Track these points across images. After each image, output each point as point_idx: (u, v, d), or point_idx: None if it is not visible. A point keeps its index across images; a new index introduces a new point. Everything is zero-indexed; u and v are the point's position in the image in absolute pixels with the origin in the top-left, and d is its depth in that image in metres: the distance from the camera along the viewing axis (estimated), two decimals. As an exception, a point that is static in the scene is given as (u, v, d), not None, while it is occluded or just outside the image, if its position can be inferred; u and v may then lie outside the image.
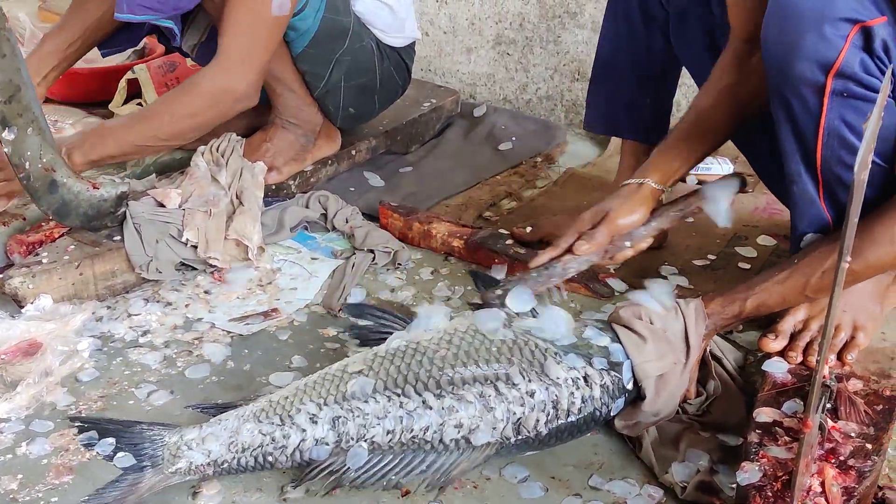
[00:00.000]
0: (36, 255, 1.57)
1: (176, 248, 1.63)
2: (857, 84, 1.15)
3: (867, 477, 1.10)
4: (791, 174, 1.28)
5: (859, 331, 1.32)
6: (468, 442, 1.18)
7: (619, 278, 1.66)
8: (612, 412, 1.23)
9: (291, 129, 1.95)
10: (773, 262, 1.72)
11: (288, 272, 1.70)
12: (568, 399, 1.20)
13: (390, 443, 1.17)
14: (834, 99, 1.17)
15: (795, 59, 1.16)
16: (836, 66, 1.14)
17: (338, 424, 1.17)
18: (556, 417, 1.20)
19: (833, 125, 1.19)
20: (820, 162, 1.24)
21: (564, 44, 2.48)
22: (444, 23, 2.65)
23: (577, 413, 1.21)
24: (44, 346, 1.40)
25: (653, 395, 1.21)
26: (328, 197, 1.85)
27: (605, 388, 1.22)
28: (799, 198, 1.30)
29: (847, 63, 1.13)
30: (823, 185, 1.26)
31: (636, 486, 1.19)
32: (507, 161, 2.17)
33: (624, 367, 1.23)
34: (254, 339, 1.51)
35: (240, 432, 1.18)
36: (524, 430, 1.19)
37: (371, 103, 2.04)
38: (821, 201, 1.28)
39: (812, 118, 1.20)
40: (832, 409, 1.20)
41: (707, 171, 2.07)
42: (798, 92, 1.19)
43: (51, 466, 1.21)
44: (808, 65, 1.15)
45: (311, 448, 1.17)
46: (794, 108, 1.21)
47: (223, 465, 1.18)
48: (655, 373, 1.22)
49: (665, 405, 1.22)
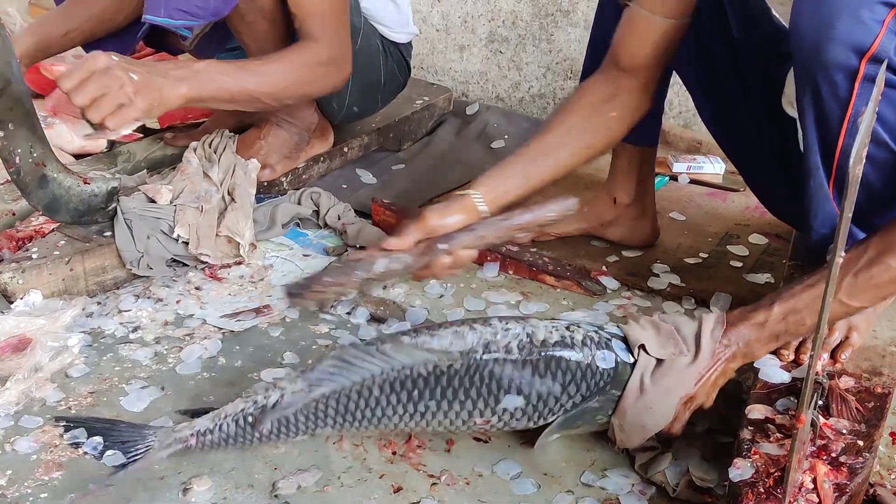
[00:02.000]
0: (26, 251, 1.56)
1: (167, 244, 1.62)
2: (891, 71, 1.12)
3: (859, 474, 1.10)
4: (809, 167, 1.25)
5: (853, 330, 1.32)
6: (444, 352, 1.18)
7: (611, 276, 1.67)
8: (598, 364, 1.19)
9: (286, 127, 1.95)
10: (766, 261, 1.73)
11: (280, 269, 1.69)
12: (544, 331, 1.20)
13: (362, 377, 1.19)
14: (865, 85, 1.13)
15: (829, 42, 1.12)
16: (872, 51, 1.10)
17: (309, 375, 1.20)
18: (531, 344, 1.19)
19: (860, 112, 1.15)
20: (839, 151, 1.20)
21: (557, 42, 2.48)
22: (437, 20, 2.65)
23: (552, 346, 1.19)
24: (33, 342, 1.39)
25: (648, 380, 1.17)
26: (320, 194, 1.85)
27: (589, 338, 1.20)
28: (814, 194, 1.26)
29: (883, 48, 1.10)
30: (835, 178, 1.23)
31: (628, 483, 1.19)
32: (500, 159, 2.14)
33: (614, 338, 1.21)
34: (245, 335, 1.50)
35: (224, 408, 1.22)
36: (493, 349, 1.18)
37: (374, 101, 2.05)
38: (831, 196, 1.25)
39: (839, 104, 1.16)
40: (824, 407, 1.20)
41: (699, 170, 2.08)
42: (829, 76, 1.14)
43: (40, 462, 1.20)
44: (842, 48, 1.11)
45: (288, 402, 1.19)
46: (823, 93, 1.17)
47: (205, 436, 1.20)
48: (653, 350, 1.17)
49: (659, 399, 1.17)
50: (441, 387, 1.18)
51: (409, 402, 1.18)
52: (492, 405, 1.19)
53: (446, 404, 1.18)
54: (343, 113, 1.99)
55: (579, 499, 1.17)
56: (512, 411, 1.19)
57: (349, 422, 1.20)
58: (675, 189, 2.02)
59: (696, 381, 1.17)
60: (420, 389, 1.18)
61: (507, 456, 1.24)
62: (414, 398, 1.18)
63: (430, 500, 1.17)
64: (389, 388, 1.18)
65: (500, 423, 1.21)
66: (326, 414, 1.19)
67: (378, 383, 1.18)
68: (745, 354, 1.19)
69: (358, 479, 1.20)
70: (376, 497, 1.17)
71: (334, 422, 1.20)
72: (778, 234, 1.81)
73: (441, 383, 1.18)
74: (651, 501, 1.17)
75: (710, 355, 1.17)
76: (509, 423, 1.21)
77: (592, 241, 1.78)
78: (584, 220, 1.77)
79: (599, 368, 1.19)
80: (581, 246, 1.76)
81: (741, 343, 1.17)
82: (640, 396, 1.17)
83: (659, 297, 1.63)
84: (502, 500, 1.17)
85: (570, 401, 1.20)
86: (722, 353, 1.17)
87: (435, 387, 1.18)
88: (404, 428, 1.22)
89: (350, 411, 1.19)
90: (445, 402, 1.18)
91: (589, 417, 1.22)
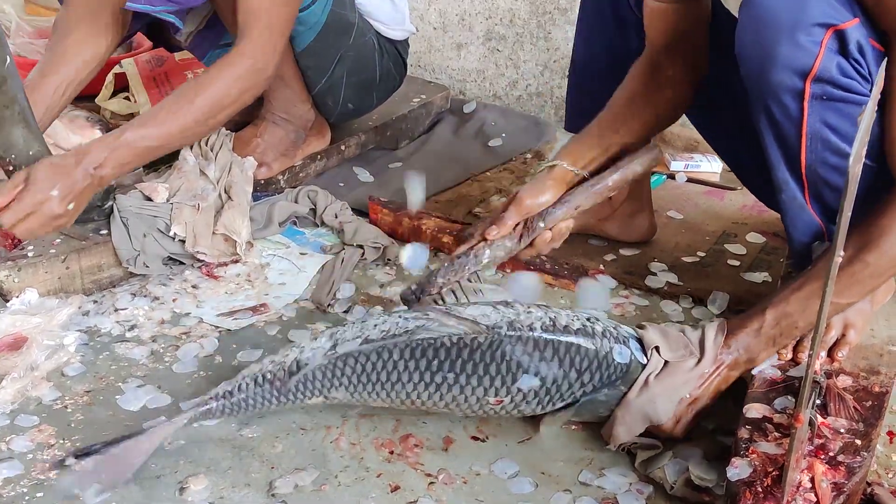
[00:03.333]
0: (21, 249, 1.55)
1: (164, 242, 1.62)
2: (835, 87, 1.16)
3: (856, 473, 1.10)
4: (778, 183, 1.28)
5: (850, 328, 1.32)
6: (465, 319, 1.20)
7: (608, 275, 1.66)
8: (615, 357, 1.21)
9: (283, 125, 1.94)
10: (763, 260, 1.73)
11: (277, 267, 1.69)
12: (566, 318, 1.22)
13: (383, 338, 1.20)
14: (814, 103, 1.17)
15: (772, 68, 1.16)
16: (814, 72, 1.14)
17: (335, 335, 1.22)
18: (554, 327, 1.20)
19: (815, 128, 1.19)
20: (805, 166, 1.24)
21: (555, 40, 2.48)
22: (434, 18, 2.64)
23: (574, 333, 1.21)
24: (29, 341, 1.39)
25: (654, 378, 1.20)
26: (317, 192, 1.84)
27: (608, 331, 1.23)
28: (788, 206, 1.29)
29: (824, 68, 1.14)
30: (809, 190, 1.26)
31: (626, 482, 1.19)
32: (497, 157, 2.16)
33: (631, 337, 1.24)
34: (242, 334, 1.50)
35: (244, 371, 1.25)
36: (518, 327, 1.19)
37: (370, 99, 2.04)
38: (808, 206, 1.27)
39: (794, 123, 1.20)
40: (822, 406, 1.20)
41: (696, 169, 2.07)
42: (778, 99, 1.19)
43: (35, 461, 1.20)
44: (786, 73, 1.16)
45: (308, 357, 1.21)
46: (776, 115, 1.21)
47: (223, 397, 1.22)
48: (665, 353, 1.21)
49: (663, 394, 1.20)
50: (462, 359, 1.18)
51: (427, 370, 1.19)
52: (508, 384, 1.19)
53: (464, 378, 1.19)
54: (339, 110, 1.99)
55: (577, 498, 1.17)
56: (525, 392, 1.20)
57: (363, 385, 1.21)
58: (672, 187, 2.02)
59: (701, 383, 1.21)
60: (441, 360, 1.19)
61: (504, 455, 1.24)
62: (432, 368, 1.19)
63: (428, 499, 1.16)
64: (410, 353, 1.19)
65: (511, 406, 1.21)
66: (343, 373, 1.20)
67: (400, 347, 1.19)
68: (747, 361, 1.24)
69: (355, 478, 1.19)
70: (374, 496, 1.17)
71: (349, 383, 1.21)
72: (775, 232, 1.80)
73: (462, 356, 1.18)
74: (649, 501, 1.17)
75: (714, 359, 1.21)
76: (519, 406, 1.22)
77: (590, 239, 1.78)
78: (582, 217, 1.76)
79: (615, 362, 1.21)
80: (578, 244, 1.76)
81: (741, 349, 1.23)
82: (645, 390, 1.20)
83: (656, 296, 1.62)
84: (500, 499, 1.17)
85: (582, 389, 1.22)
86: (724, 359, 1.22)
87: (456, 358, 1.19)
88: (416, 400, 1.21)
89: (367, 372, 1.20)
90: (464, 375, 1.19)
91: (592, 408, 1.24)
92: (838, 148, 1.20)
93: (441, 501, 1.16)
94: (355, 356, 1.20)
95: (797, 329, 1.23)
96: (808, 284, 1.21)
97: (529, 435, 1.27)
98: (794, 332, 1.23)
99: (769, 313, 1.22)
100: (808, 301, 1.20)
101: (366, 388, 1.21)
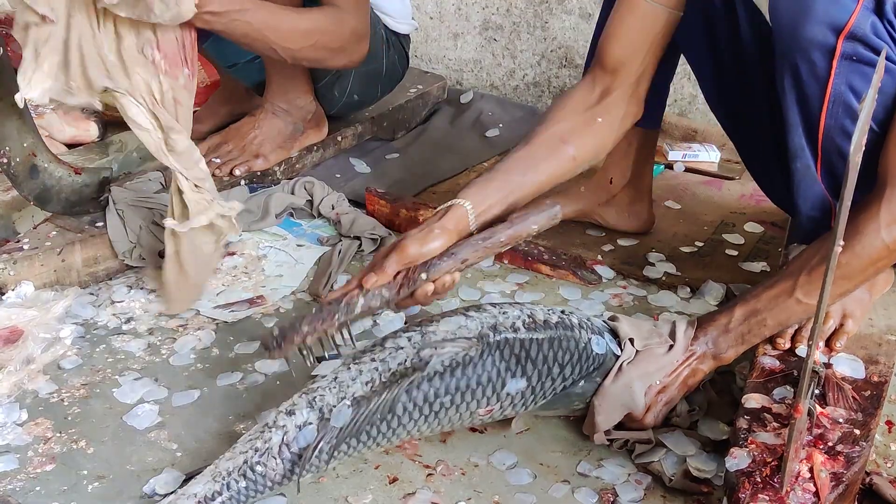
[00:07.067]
0: (17, 241, 1.54)
1: (159, 234, 1.61)
2: (866, 47, 1.15)
3: (855, 462, 1.10)
4: (794, 149, 1.27)
5: (848, 318, 1.32)
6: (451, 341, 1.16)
7: (606, 265, 1.66)
8: (593, 348, 1.21)
9: (281, 116, 1.93)
10: (761, 249, 1.73)
11: (273, 259, 1.68)
12: (543, 313, 1.21)
13: (372, 390, 1.13)
14: (843, 62, 1.17)
15: (807, 21, 1.16)
16: (848, 28, 1.14)
17: (315, 402, 1.12)
18: (534, 324, 1.19)
19: (839, 91, 1.19)
20: (822, 132, 1.23)
21: (552, 30, 2.47)
22: (431, 8, 2.63)
23: (554, 327, 1.20)
24: (25, 334, 1.38)
25: (627, 365, 1.21)
26: (314, 183, 1.84)
27: (584, 323, 1.23)
28: (801, 176, 1.28)
29: (858, 24, 1.14)
30: (822, 159, 1.25)
31: (625, 472, 1.19)
32: (494, 148, 2.16)
33: (605, 331, 1.24)
34: (239, 326, 1.49)
35: (218, 464, 1.10)
36: (501, 329, 1.17)
37: (374, 91, 2.04)
38: (819, 177, 1.26)
39: (819, 83, 1.20)
40: (820, 395, 1.20)
41: (694, 159, 2.07)
42: (807, 55, 1.18)
43: (32, 455, 1.20)
44: (820, 27, 1.15)
45: (296, 437, 1.10)
46: (802, 73, 1.20)
47: (214, 500, 1.07)
48: (639, 344, 1.21)
49: (638, 379, 1.20)
50: (455, 378, 1.15)
51: (426, 402, 1.15)
52: (498, 390, 1.17)
53: (459, 397, 1.16)
54: (343, 101, 1.98)
55: (575, 489, 1.17)
56: (514, 395, 1.19)
57: (364, 443, 1.14)
58: (670, 177, 2.02)
59: (671, 371, 1.21)
60: (436, 388, 1.15)
61: (502, 446, 1.24)
62: (430, 398, 1.14)
63: (426, 490, 1.16)
64: (406, 395, 1.13)
65: (499, 412, 1.20)
66: (347, 443, 1.12)
67: (395, 396, 1.12)
68: (714, 356, 1.23)
69: (353, 470, 1.19)
70: (372, 488, 1.16)
71: (349, 447, 1.13)
72: (773, 222, 1.80)
73: (455, 374, 1.15)
74: (647, 491, 1.16)
75: (684, 350, 1.22)
76: (505, 410, 1.20)
77: (588, 229, 1.77)
78: (580, 201, 1.76)
79: (593, 353, 1.21)
80: (576, 235, 1.76)
81: (710, 344, 1.23)
82: (620, 376, 1.20)
83: (654, 286, 1.62)
84: (498, 490, 1.17)
85: (563, 384, 1.21)
86: (693, 349, 1.22)
87: (450, 381, 1.15)
88: (416, 433, 1.17)
89: (367, 431, 1.13)
90: (458, 394, 1.16)
91: (568, 402, 1.23)
92: (857, 116, 1.19)
93: (439, 493, 1.16)
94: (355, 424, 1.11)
95: (766, 328, 1.22)
96: (779, 283, 1.21)
97: (528, 426, 1.27)
98: (763, 330, 1.23)
99: (738, 310, 1.22)
100: (778, 300, 1.20)
101: (366, 445, 1.15)
